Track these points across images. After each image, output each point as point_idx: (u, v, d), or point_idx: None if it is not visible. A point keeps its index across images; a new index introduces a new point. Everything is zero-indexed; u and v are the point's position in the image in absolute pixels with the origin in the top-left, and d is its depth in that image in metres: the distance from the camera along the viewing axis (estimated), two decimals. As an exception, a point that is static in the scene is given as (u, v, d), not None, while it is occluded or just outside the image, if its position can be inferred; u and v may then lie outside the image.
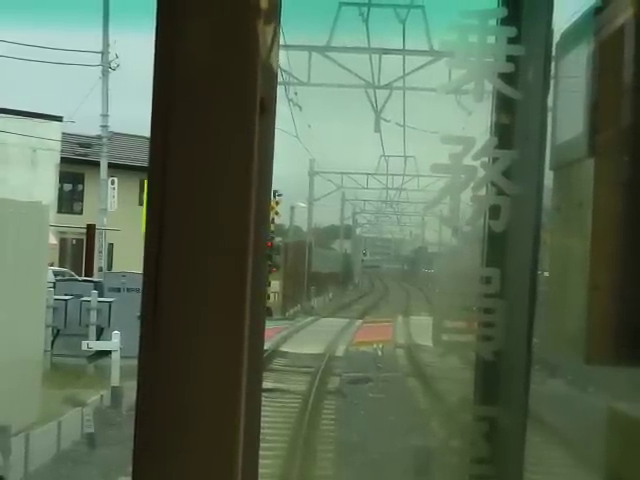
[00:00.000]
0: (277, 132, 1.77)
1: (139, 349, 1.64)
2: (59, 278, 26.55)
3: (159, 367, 1.62)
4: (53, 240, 30.66)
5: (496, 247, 2.42)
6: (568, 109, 2.66)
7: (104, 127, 34.79)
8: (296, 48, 28.83)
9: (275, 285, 41.27)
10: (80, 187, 44.17)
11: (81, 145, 39.00)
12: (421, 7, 27.92)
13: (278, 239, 44.74)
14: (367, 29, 28.82)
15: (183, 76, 1.64)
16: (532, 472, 10.91)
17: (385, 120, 34.44)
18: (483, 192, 2.41)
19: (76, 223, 37.32)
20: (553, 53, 2.51)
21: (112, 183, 34.95)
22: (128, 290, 22.26)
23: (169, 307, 1.62)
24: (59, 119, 38.39)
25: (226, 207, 1.63)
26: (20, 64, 32.55)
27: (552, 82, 2.52)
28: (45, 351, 18.73)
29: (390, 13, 29.38)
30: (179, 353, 1.62)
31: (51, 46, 35.02)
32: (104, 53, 33.65)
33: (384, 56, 30.36)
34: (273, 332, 28.14)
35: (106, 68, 33.64)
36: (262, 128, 1.67)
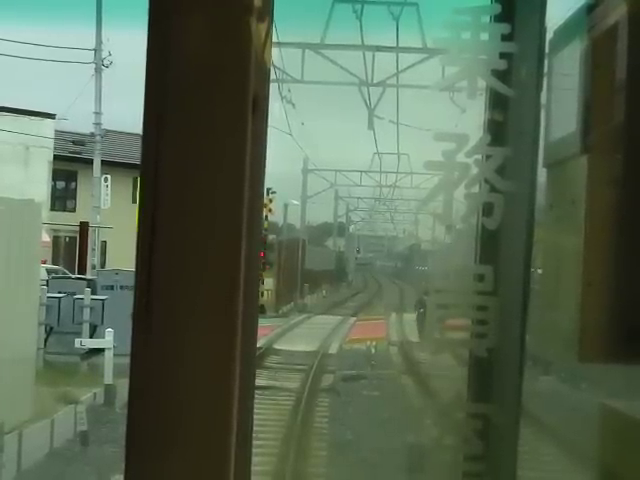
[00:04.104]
0: (271, 130, 1.77)
1: (131, 347, 1.64)
2: (52, 276, 26.53)
3: (151, 365, 1.62)
4: (46, 238, 30.62)
5: (489, 244, 2.42)
6: (561, 106, 2.66)
7: (97, 124, 34.75)
8: (290, 45, 28.81)
9: (269, 283, 41.27)
10: (73, 185, 44.11)
11: (74, 142, 38.97)
12: (415, 4, 27.94)
13: (272, 237, 44.73)
14: (361, 26, 28.83)
15: (175, 74, 1.63)
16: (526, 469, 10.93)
17: (379, 117, 34.47)
18: (476, 189, 2.41)
19: (69, 221, 37.28)
20: (546, 50, 2.51)
21: (105, 181, 34.92)
22: (121, 288, 22.23)
23: (161, 305, 1.62)
24: (52, 116, 38.36)
25: (219, 205, 1.63)
26: (13, 61, 32.53)
27: (545, 79, 2.52)
28: (38, 349, 18.71)
29: (384, 10, 29.36)
30: (171, 351, 1.61)
31: (44, 43, 35.01)
32: (97, 50, 33.61)
33: (378, 53, 30.35)
34: (267, 330, 28.15)
35: (99, 65, 33.61)
36: (254, 126, 1.67)
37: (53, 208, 39.77)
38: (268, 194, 39.24)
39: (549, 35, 2.53)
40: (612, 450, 2.79)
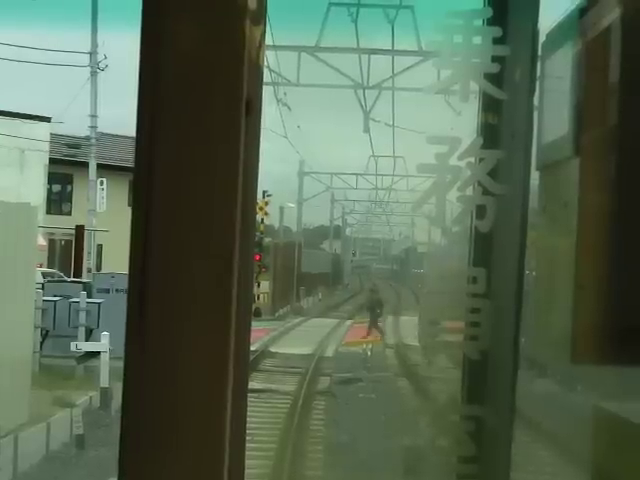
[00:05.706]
0: (267, 133, 1.77)
1: (125, 350, 1.64)
2: (48, 279, 26.52)
3: (145, 368, 1.63)
4: (42, 241, 30.62)
5: (482, 247, 2.43)
6: (554, 109, 2.66)
7: (93, 128, 34.73)
8: (285, 48, 28.83)
9: (265, 285, 41.26)
10: (69, 188, 44.11)
11: (70, 146, 38.94)
12: (410, 7, 27.99)
13: (268, 239, 44.73)
14: (356, 29, 28.89)
15: (168, 77, 1.64)
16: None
17: (374, 120, 34.52)
18: (469, 192, 2.41)
19: (65, 224, 37.25)
20: (539, 53, 2.52)
21: (101, 184, 34.90)
22: (117, 291, 22.22)
23: (155, 309, 1.62)
24: (47, 120, 38.35)
25: (212, 209, 1.63)
26: (8, 64, 32.50)
27: (538, 82, 2.53)
28: (34, 352, 18.69)
29: (379, 13, 29.43)
30: (165, 355, 1.62)
31: (39, 46, 34.98)
32: (93, 53, 33.61)
33: (373, 56, 30.38)
34: (263, 332, 28.13)
35: (95, 69, 33.60)
36: (248, 129, 1.67)
37: (49, 211, 39.77)
38: (264, 197, 39.22)
39: (541, 38, 2.53)
40: (604, 451, 2.80)
